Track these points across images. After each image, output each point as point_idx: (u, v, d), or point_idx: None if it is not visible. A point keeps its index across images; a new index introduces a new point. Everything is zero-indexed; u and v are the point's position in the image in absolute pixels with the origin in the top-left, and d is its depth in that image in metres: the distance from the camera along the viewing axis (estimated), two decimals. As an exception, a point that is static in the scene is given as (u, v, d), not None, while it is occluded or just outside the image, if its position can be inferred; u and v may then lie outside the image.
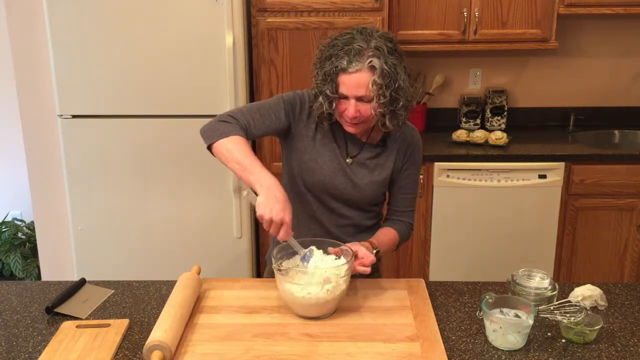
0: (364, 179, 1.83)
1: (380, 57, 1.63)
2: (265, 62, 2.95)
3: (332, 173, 1.81)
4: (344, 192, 1.83)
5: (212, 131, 1.71)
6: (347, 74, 1.64)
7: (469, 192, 3.08)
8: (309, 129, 1.81)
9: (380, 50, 1.64)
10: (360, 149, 1.84)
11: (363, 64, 1.63)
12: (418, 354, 1.45)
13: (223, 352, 1.46)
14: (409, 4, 3.14)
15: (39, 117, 3.03)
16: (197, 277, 1.74)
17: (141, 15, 2.70)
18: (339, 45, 1.66)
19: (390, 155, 1.85)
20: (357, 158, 1.83)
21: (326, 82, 1.67)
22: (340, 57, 1.64)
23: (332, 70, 1.65)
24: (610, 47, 3.53)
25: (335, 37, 1.71)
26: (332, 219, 1.86)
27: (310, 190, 1.84)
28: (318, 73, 1.70)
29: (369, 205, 1.89)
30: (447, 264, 3.17)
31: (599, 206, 3.11)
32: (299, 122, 1.81)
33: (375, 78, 1.63)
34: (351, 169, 1.83)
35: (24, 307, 1.69)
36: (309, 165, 1.81)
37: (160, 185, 2.88)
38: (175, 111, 2.81)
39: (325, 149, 1.81)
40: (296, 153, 1.83)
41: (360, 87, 1.65)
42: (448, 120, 3.58)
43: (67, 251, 3.09)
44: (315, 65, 1.73)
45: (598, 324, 1.51)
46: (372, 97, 1.66)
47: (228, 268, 2.93)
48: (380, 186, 1.86)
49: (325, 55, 1.69)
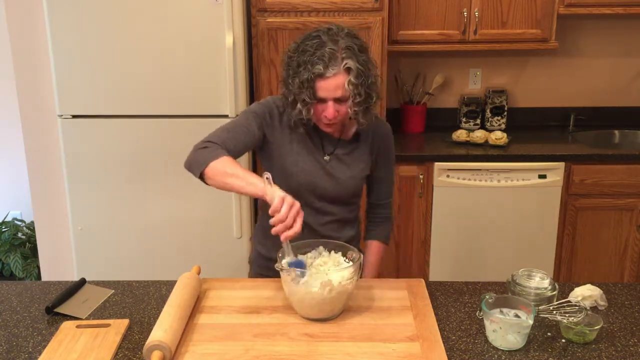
0: (344, 174, 1.87)
1: (353, 57, 1.67)
2: (265, 62, 2.95)
3: (313, 173, 1.85)
4: (327, 189, 1.86)
5: (197, 160, 1.70)
6: (325, 79, 1.68)
7: (469, 192, 3.08)
8: (283, 134, 1.84)
9: (351, 49, 1.68)
10: (336, 145, 1.88)
11: (339, 67, 1.66)
12: (418, 354, 1.45)
13: (223, 352, 1.46)
14: (409, 4, 3.14)
15: (39, 117, 3.03)
16: (197, 277, 1.74)
17: (141, 15, 2.70)
18: (309, 50, 1.68)
19: (365, 149, 1.91)
20: (334, 154, 1.88)
21: (303, 89, 1.69)
22: (315, 63, 1.66)
23: (309, 77, 1.67)
24: (610, 47, 3.53)
25: (302, 42, 1.73)
26: (317, 218, 1.88)
27: (293, 193, 1.83)
28: (293, 81, 1.71)
29: (350, 198, 1.94)
30: (447, 264, 3.17)
31: (599, 206, 3.11)
32: (273, 129, 1.84)
33: (350, 78, 1.67)
34: (331, 165, 1.87)
35: (24, 307, 1.69)
36: (290, 169, 1.84)
37: (160, 185, 2.88)
38: (175, 111, 2.81)
39: (303, 151, 1.85)
40: (276, 160, 1.85)
41: (338, 89, 1.69)
42: (448, 120, 3.58)
43: (67, 251, 3.09)
44: (287, 72, 1.75)
45: (598, 324, 1.51)
46: (348, 96, 1.70)
47: (228, 268, 2.93)
48: (360, 179, 1.92)
49: (297, 62, 1.71)
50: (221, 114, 2.78)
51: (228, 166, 1.65)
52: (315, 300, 1.55)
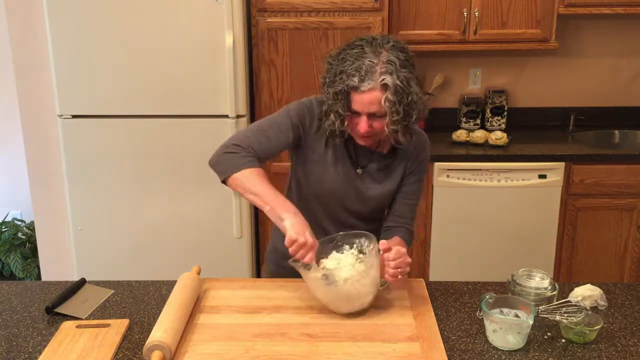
0: (372, 190, 1.80)
1: (393, 73, 1.56)
2: (265, 62, 2.95)
3: (342, 184, 1.78)
4: (352, 203, 1.81)
5: (223, 165, 1.68)
6: (359, 93, 1.58)
7: (469, 192, 3.08)
8: (320, 139, 1.77)
9: (393, 64, 1.57)
10: (370, 159, 1.80)
11: (375, 82, 1.56)
12: (418, 354, 1.45)
13: (223, 352, 1.46)
14: (409, 4, 3.14)
15: (39, 117, 3.03)
16: (197, 277, 1.74)
17: (141, 15, 2.71)
18: (348, 60, 1.59)
19: (400, 164, 1.82)
20: (367, 168, 1.80)
21: (337, 101, 1.61)
22: (351, 74, 1.57)
23: (343, 89, 1.59)
24: (610, 47, 3.53)
25: (343, 49, 1.64)
26: (339, 229, 1.79)
27: (318, 199, 1.82)
28: (328, 91, 1.63)
29: (375, 214, 1.88)
30: (447, 264, 3.17)
31: (599, 206, 3.11)
32: (309, 134, 1.77)
33: (388, 95, 1.57)
34: (361, 179, 1.80)
35: (24, 307, 1.69)
36: (319, 175, 1.78)
37: (160, 185, 2.88)
38: (175, 111, 2.81)
39: (336, 160, 1.78)
40: (307, 164, 1.80)
41: (373, 105, 1.59)
42: (448, 120, 3.57)
43: (67, 251, 3.09)
44: (324, 80, 1.67)
45: (598, 324, 1.51)
46: (384, 112, 1.60)
47: (228, 268, 2.93)
48: (388, 196, 1.84)
49: (335, 71, 1.62)
50: (221, 114, 2.78)
51: (252, 182, 1.64)
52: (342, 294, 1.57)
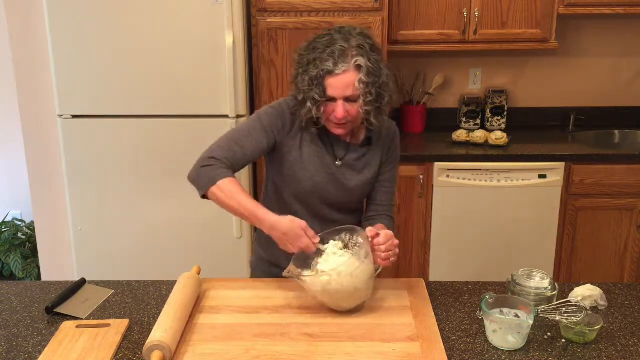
0: (353, 180, 1.84)
1: (364, 55, 1.64)
2: (265, 62, 2.95)
3: (323, 179, 1.81)
4: (335, 196, 1.83)
5: (200, 179, 1.71)
6: (334, 76, 1.65)
7: (469, 192, 3.08)
8: (295, 139, 1.80)
9: (363, 48, 1.65)
10: (347, 150, 1.84)
11: (349, 64, 1.63)
12: (418, 354, 1.45)
13: (223, 352, 1.46)
14: (409, 4, 3.14)
15: (39, 117, 3.03)
16: (197, 277, 1.74)
17: (141, 16, 2.70)
18: (319, 47, 1.66)
19: (376, 152, 1.87)
20: (345, 159, 1.83)
21: (313, 87, 1.66)
22: (325, 59, 1.64)
23: (319, 73, 1.65)
24: (610, 47, 3.53)
25: (313, 40, 1.70)
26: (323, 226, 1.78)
27: (299, 199, 1.83)
28: (303, 78, 1.69)
29: (356, 205, 1.91)
30: (447, 264, 3.17)
31: (599, 206, 3.11)
32: (284, 135, 1.79)
33: (361, 76, 1.64)
34: (341, 171, 1.82)
35: (24, 307, 1.69)
36: (299, 175, 1.80)
37: (160, 185, 2.88)
38: (175, 111, 2.81)
39: (314, 156, 1.80)
40: (285, 165, 1.81)
41: (348, 87, 1.65)
42: (448, 120, 3.57)
43: (67, 251, 3.09)
44: (297, 71, 1.73)
45: (598, 324, 1.51)
46: (358, 95, 1.66)
47: (228, 268, 2.93)
48: (369, 185, 1.88)
49: (307, 59, 1.68)
50: (221, 114, 2.78)
51: (228, 193, 1.67)
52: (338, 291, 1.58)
